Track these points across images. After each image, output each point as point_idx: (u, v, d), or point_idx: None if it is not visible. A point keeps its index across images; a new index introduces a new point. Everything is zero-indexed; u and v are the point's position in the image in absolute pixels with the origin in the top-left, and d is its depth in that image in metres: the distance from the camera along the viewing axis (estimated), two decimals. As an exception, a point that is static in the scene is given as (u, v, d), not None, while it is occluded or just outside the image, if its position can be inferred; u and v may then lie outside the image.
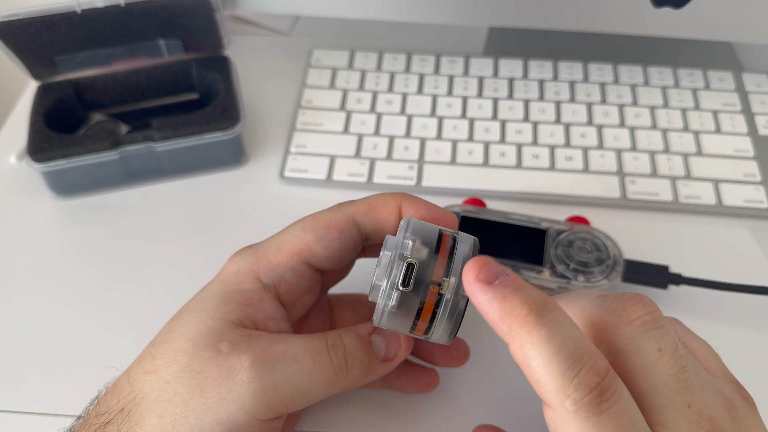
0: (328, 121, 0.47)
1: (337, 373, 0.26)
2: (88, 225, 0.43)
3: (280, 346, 0.25)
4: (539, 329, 0.20)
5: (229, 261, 0.29)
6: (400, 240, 0.24)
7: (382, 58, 0.52)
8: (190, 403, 0.24)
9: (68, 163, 0.41)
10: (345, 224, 0.28)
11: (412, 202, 0.28)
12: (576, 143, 0.46)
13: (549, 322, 0.21)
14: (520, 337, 0.21)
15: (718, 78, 0.50)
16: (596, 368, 0.20)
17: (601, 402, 0.20)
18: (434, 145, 0.46)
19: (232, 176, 0.45)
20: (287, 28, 0.57)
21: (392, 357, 0.28)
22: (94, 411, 0.26)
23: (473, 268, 0.22)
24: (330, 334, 0.27)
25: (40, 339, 0.37)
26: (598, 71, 0.51)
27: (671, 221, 0.42)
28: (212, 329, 0.26)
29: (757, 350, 0.36)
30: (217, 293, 0.27)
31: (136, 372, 0.26)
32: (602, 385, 0.20)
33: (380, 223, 0.28)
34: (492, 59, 0.52)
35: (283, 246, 0.28)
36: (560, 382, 0.20)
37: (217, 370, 0.25)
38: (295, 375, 0.25)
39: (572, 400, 0.20)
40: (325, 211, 0.29)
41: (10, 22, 0.40)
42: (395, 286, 0.23)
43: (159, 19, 0.44)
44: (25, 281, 0.40)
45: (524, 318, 0.21)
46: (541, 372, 0.20)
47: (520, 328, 0.21)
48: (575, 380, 0.20)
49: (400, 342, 0.28)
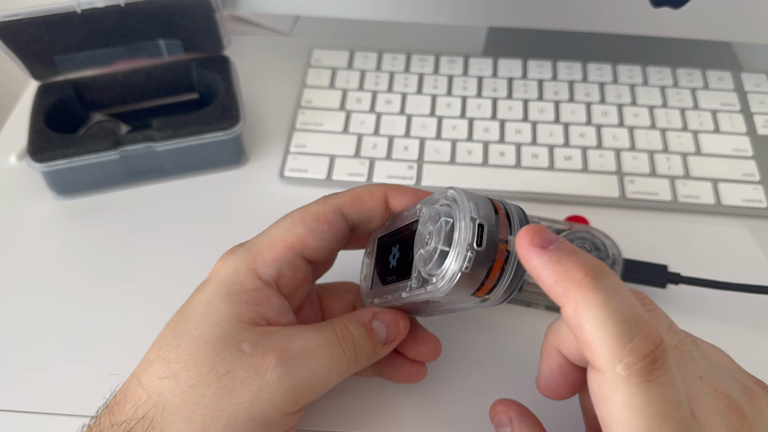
0: (327, 121, 0.47)
1: (349, 363, 0.27)
2: (88, 225, 0.43)
3: (299, 343, 0.26)
4: (596, 292, 0.20)
5: (222, 261, 0.29)
6: (466, 205, 0.24)
7: (382, 58, 0.52)
8: (219, 404, 0.25)
9: (68, 162, 0.41)
10: (333, 216, 0.29)
11: (397, 190, 0.29)
12: (575, 143, 0.46)
13: (605, 286, 0.21)
14: (576, 298, 0.21)
15: (717, 78, 0.50)
16: (651, 336, 0.20)
17: (652, 370, 0.20)
18: (434, 145, 0.46)
19: (232, 176, 0.46)
20: (287, 28, 0.57)
21: (392, 339, 0.29)
22: (107, 420, 0.25)
23: (527, 234, 0.22)
24: (337, 325, 0.28)
25: (40, 338, 0.37)
26: (597, 71, 0.51)
27: (670, 221, 0.42)
28: (229, 331, 0.26)
29: (757, 349, 0.36)
30: (223, 295, 0.27)
31: (149, 378, 0.26)
32: (655, 354, 0.20)
33: (366, 213, 0.29)
34: (491, 59, 0.52)
35: (276, 241, 0.29)
36: (614, 346, 0.20)
37: (243, 371, 0.25)
38: (316, 370, 0.26)
39: (624, 365, 0.20)
40: (312, 205, 0.29)
41: (10, 22, 0.41)
42: (470, 247, 0.23)
43: (159, 19, 0.44)
44: (26, 281, 0.40)
45: (580, 280, 0.21)
46: (595, 335, 0.20)
47: (576, 290, 0.21)
48: (629, 345, 0.20)
49: (398, 325, 0.29)
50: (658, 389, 0.20)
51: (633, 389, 0.20)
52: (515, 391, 0.30)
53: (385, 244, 0.30)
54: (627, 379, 0.20)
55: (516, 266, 0.24)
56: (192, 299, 0.28)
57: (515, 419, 0.27)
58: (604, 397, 0.21)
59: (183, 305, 0.28)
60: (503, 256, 0.24)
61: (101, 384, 0.34)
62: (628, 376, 0.20)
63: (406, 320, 0.30)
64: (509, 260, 0.24)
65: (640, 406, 0.20)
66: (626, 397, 0.20)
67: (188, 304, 0.28)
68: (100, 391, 0.30)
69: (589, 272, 0.21)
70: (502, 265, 0.24)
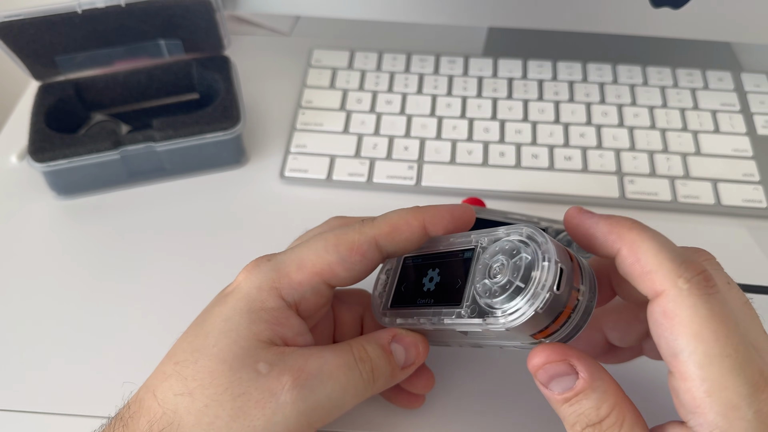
0: (328, 121, 0.47)
1: (366, 386, 0.27)
2: (88, 224, 0.43)
3: (315, 364, 0.26)
4: (645, 230, 0.24)
5: (247, 273, 0.28)
6: (551, 247, 0.24)
7: (382, 58, 0.52)
8: (233, 426, 0.24)
9: (69, 162, 0.41)
10: (368, 247, 0.28)
11: (434, 217, 0.28)
12: (575, 143, 0.46)
13: (650, 229, 0.24)
14: (630, 237, 0.24)
15: (717, 78, 0.50)
16: (699, 263, 0.23)
17: (708, 286, 0.22)
18: (434, 145, 0.46)
19: (233, 176, 0.46)
20: (287, 28, 0.57)
21: (411, 363, 0.29)
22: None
23: (574, 209, 0.26)
24: (355, 347, 0.27)
25: (41, 338, 0.37)
26: (597, 71, 0.51)
27: (670, 221, 0.43)
28: (246, 350, 0.26)
29: (756, 349, 0.36)
30: (243, 312, 0.27)
31: (165, 393, 0.25)
32: (707, 274, 0.23)
33: (402, 243, 0.28)
34: (491, 59, 0.52)
35: (305, 264, 0.28)
36: (671, 266, 0.22)
37: (259, 392, 0.25)
38: (332, 394, 0.26)
39: (684, 279, 0.22)
40: (348, 231, 0.28)
41: (10, 23, 0.41)
42: (549, 289, 0.23)
43: (159, 20, 0.44)
44: (26, 280, 0.40)
45: (631, 225, 0.24)
46: (652, 262, 0.23)
47: (629, 231, 0.24)
48: (684, 264, 0.22)
49: (418, 349, 0.29)
50: (718, 303, 0.22)
51: (696, 300, 0.22)
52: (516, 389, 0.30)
53: (417, 266, 0.29)
54: (690, 291, 0.22)
55: (580, 316, 0.24)
56: (212, 312, 0.27)
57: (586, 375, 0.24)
58: (669, 317, 0.22)
59: (202, 316, 0.28)
60: (573, 303, 0.24)
61: (102, 383, 0.35)
62: (690, 288, 0.22)
63: (426, 344, 0.29)
64: (577, 309, 0.24)
65: (705, 315, 0.22)
66: (692, 309, 0.22)
67: (208, 317, 0.27)
68: (100, 391, 0.30)
69: (635, 222, 0.24)
70: (569, 313, 0.24)
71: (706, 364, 0.21)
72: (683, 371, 0.22)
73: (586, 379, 0.23)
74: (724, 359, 0.21)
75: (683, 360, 0.22)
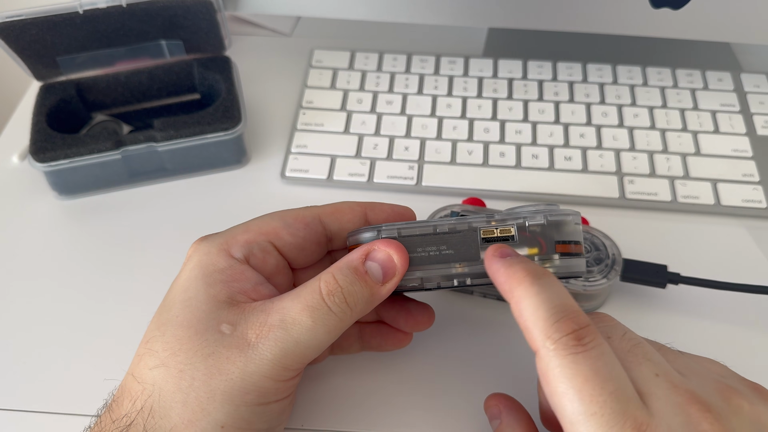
0: (328, 122, 0.48)
1: (342, 317, 0.27)
2: (90, 225, 0.43)
3: (276, 316, 0.26)
4: (533, 286, 0.24)
5: (195, 246, 0.29)
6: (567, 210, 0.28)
7: (383, 58, 0.52)
8: (211, 384, 0.25)
9: (70, 163, 0.41)
10: (311, 219, 0.30)
11: (375, 207, 0.31)
12: (575, 143, 0.46)
13: (542, 283, 0.25)
14: (518, 293, 0.25)
15: (717, 78, 0.50)
16: (576, 319, 0.23)
17: (578, 344, 0.23)
18: (434, 145, 0.46)
19: (234, 176, 0.46)
20: (288, 28, 0.57)
21: (391, 276, 0.27)
22: (107, 418, 0.26)
23: (494, 248, 0.27)
24: (323, 280, 0.27)
25: (42, 338, 0.37)
26: (597, 72, 0.51)
27: (670, 221, 0.43)
28: (207, 313, 0.26)
29: (756, 349, 0.36)
30: (199, 278, 0.28)
31: (141, 370, 0.26)
32: (580, 332, 0.23)
33: (344, 224, 0.31)
34: (491, 60, 0.52)
35: (251, 227, 0.30)
36: (543, 326, 0.23)
37: (227, 350, 0.26)
38: (299, 337, 0.26)
39: (552, 340, 0.23)
40: (294, 208, 0.31)
41: (12, 23, 0.41)
42: (574, 213, 0.28)
43: (161, 20, 0.44)
44: (27, 281, 0.40)
45: (522, 278, 0.25)
46: (529, 319, 0.24)
47: (518, 286, 0.25)
48: (556, 324, 0.23)
49: (392, 260, 0.27)
50: (586, 360, 0.22)
51: (561, 360, 0.23)
52: (516, 386, 0.30)
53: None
54: (555, 352, 0.23)
55: (574, 264, 0.28)
56: (172, 288, 0.28)
57: (504, 412, 0.29)
58: (544, 377, 0.23)
59: (165, 296, 0.29)
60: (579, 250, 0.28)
61: (102, 383, 0.35)
62: (555, 348, 0.23)
63: (402, 252, 0.27)
64: (577, 256, 0.28)
65: (569, 375, 0.22)
66: (558, 369, 0.22)
67: (169, 294, 0.28)
68: (101, 391, 0.30)
69: (530, 273, 0.25)
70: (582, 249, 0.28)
71: (574, 422, 0.22)
72: (563, 427, 0.23)
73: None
74: (589, 418, 0.22)
75: (559, 417, 0.23)
